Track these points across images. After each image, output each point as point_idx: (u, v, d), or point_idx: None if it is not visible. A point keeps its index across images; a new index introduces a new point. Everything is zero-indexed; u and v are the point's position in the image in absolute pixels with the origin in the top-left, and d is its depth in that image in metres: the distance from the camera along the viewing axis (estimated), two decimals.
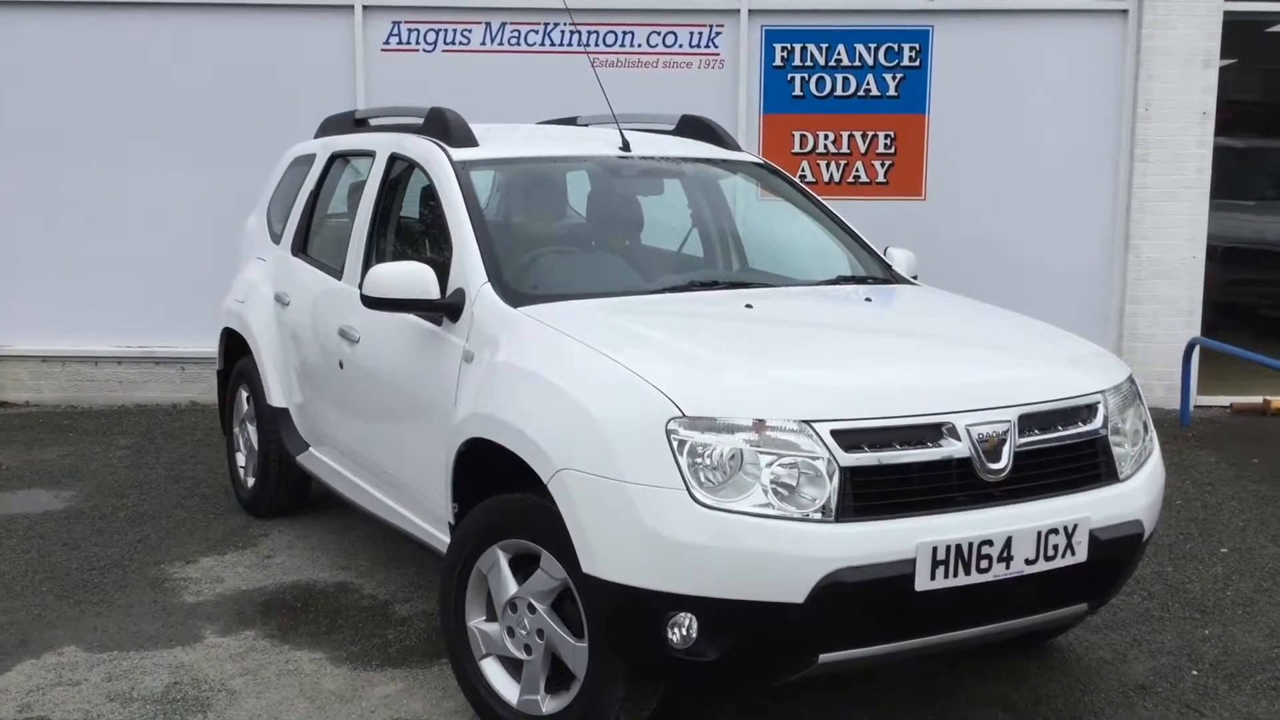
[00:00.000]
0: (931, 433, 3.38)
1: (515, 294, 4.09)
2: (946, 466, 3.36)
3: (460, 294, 4.16)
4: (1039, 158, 8.50)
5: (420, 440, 4.29)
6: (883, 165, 8.50)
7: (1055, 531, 3.45)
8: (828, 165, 8.49)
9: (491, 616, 3.81)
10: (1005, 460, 3.42)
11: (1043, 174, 8.50)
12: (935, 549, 3.28)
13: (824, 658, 3.33)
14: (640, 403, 3.32)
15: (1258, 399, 8.50)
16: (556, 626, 3.58)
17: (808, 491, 3.24)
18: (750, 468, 3.24)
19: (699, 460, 3.24)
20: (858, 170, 8.49)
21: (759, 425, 3.25)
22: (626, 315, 3.95)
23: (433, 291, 4.15)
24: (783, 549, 3.18)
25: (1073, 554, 3.50)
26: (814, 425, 3.27)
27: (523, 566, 3.71)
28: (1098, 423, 3.68)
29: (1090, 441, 3.64)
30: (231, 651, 4.45)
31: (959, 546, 3.31)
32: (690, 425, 3.26)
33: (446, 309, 4.18)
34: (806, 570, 3.19)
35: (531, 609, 3.63)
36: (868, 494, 3.27)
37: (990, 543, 3.35)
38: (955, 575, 3.31)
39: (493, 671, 3.81)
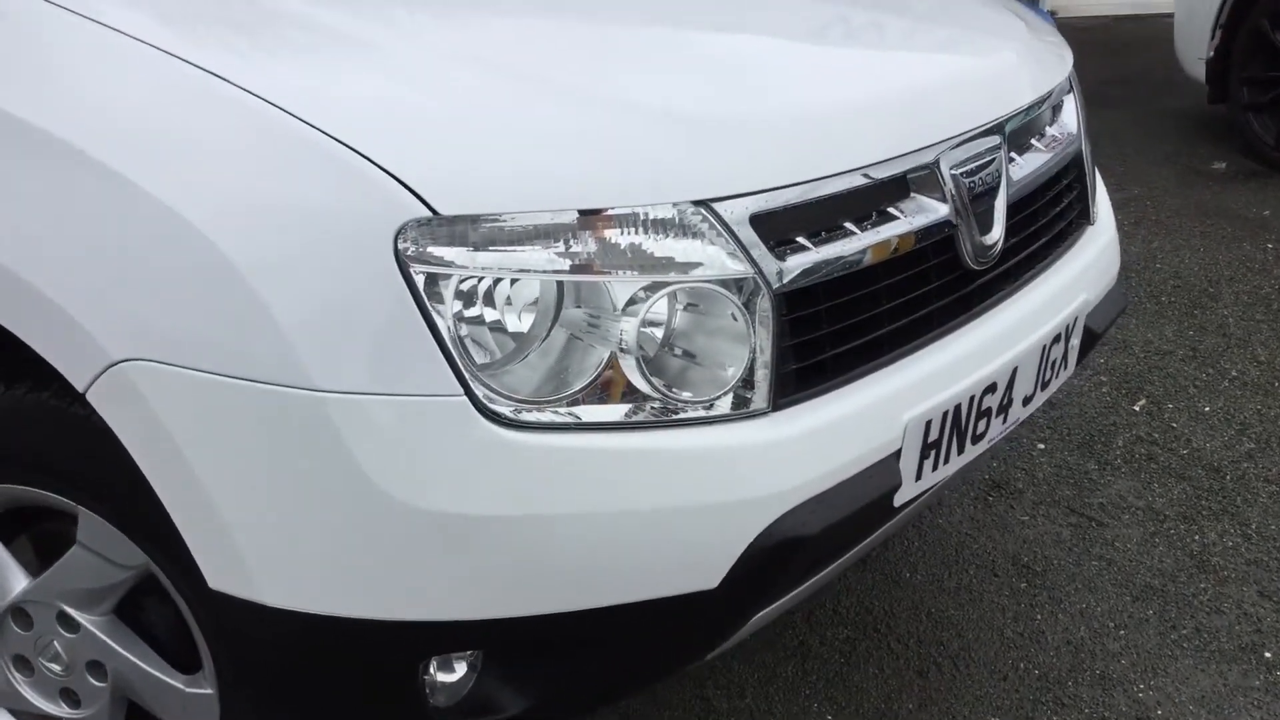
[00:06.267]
0: (896, 192, 1.68)
1: None
2: (923, 255, 1.71)
3: None
4: None
5: None
6: None
7: (1058, 340, 1.94)
8: None
9: None
10: (999, 224, 1.81)
11: None
12: (929, 425, 1.67)
13: (728, 641, 1.70)
14: (325, 192, 1.33)
15: None
16: (135, 657, 1.66)
17: (717, 356, 1.48)
18: (588, 322, 1.41)
19: (476, 318, 1.37)
20: None
21: (596, 220, 1.40)
22: None
23: None
24: (679, 498, 1.43)
25: (1065, 368, 2.03)
26: (717, 207, 1.46)
27: (21, 534, 1.73)
28: (1071, 126, 2.14)
29: (1068, 165, 2.11)
30: None
31: (957, 410, 1.71)
32: (450, 237, 1.35)
33: None
34: (727, 531, 1.47)
35: (69, 623, 1.68)
36: (816, 341, 1.56)
37: (993, 388, 1.78)
38: (948, 460, 1.74)
39: None
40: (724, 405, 1.47)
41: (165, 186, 1.35)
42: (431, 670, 1.49)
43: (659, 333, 1.44)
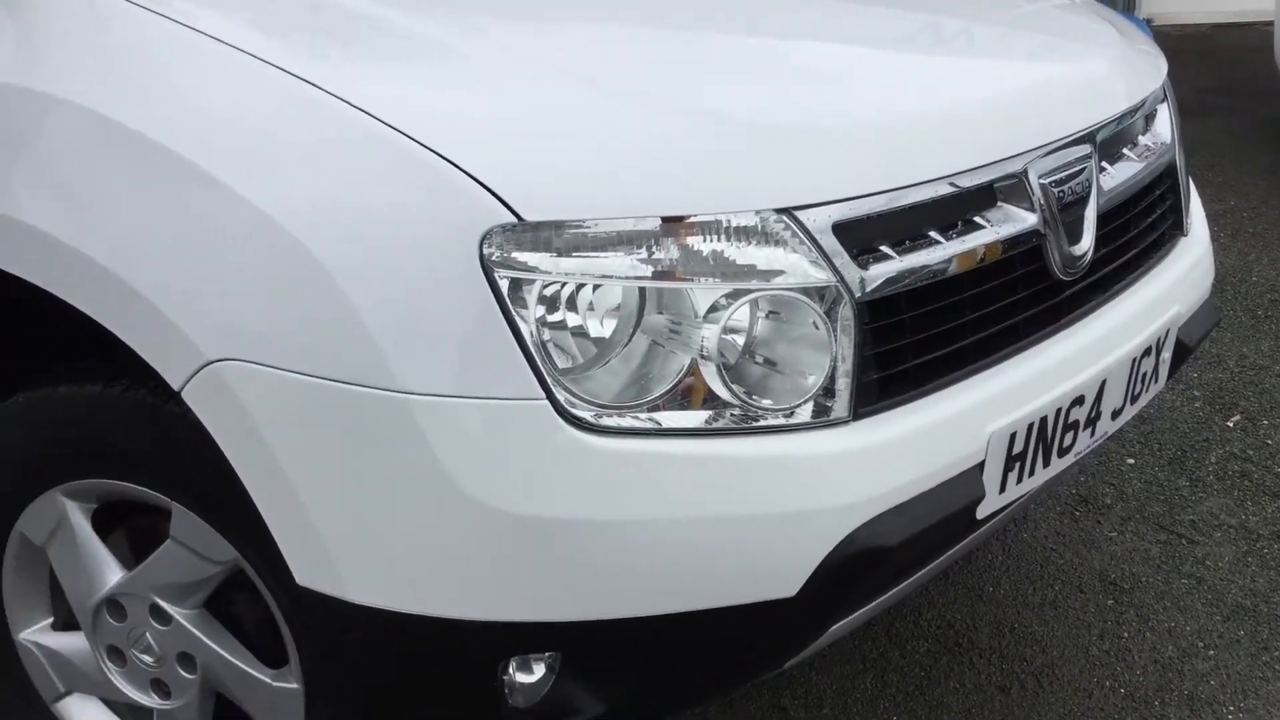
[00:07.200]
0: (982, 200, 1.67)
1: None
2: (1010, 265, 1.69)
3: None
4: None
5: None
6: None
7: (1148, 353, 1.91)
8: None
9: (67, 623, 1.86)
10: (1089, 235, 1.79)
11: None
12: (1013, 437, 1.65)
13: (806, 650, 1.70)
14: (413, 197, 1.35)
15: None
16: (224, 651, 1.71)
17: (798, 364, 1.48)
18: (669, 328, 1.42)
19: (559, 323, 1.39)
20: None
21: (679, 227, 1.41)
22: None
23: None
24: (759, 505, 1.43)
25: (1156, 382, 1.99)
26: (800, 215, 1.46)
27: (117, 527, 1.78)
28: (1165, 135, 2.11)
29: (1161, 175, 2.08)
30: None
31: (1043, 422, 1.69)
32: (534, 242, 1.36)
33: None
34: (806, 540, 1.47)
35: (161, 615, 1.72)
36: (899, 350, 1.56)
37: (1081, 400, 1.76)
38: (1033, 473, 1.72)
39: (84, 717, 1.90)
40: (804, 413, 1.47)
41: (258, 191, 1.38)
42: (511, 671, 1.51)
43: (740, 340, 1.44)
